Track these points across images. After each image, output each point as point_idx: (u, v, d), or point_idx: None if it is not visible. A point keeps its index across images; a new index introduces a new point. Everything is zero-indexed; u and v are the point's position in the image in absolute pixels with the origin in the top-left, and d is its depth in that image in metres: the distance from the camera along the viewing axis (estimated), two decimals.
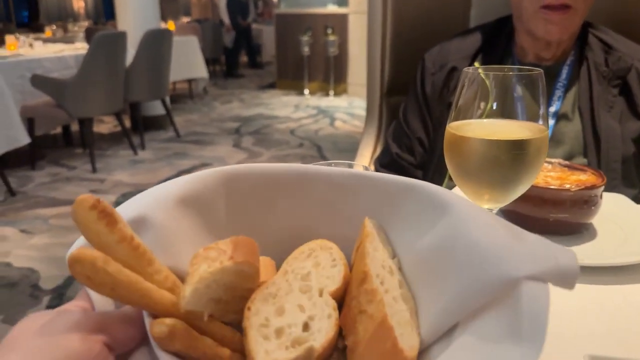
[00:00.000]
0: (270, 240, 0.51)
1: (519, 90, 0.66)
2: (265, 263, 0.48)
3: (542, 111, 0.66)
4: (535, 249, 0.40)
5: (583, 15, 1.26)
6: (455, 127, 0.68)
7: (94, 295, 0.43)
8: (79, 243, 0.44)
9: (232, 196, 0.51)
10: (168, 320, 0.38)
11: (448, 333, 0.43)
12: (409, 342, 0.41)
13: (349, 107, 7.25)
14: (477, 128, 0.67)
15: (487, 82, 0.66)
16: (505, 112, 0.67)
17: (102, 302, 0.44)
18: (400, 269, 0.48)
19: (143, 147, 5.20)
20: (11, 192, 3.89)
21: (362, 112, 6.76)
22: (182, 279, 0.43)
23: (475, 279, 0.40)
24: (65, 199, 3.84)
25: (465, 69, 0.68)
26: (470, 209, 0.44)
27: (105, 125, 6.24)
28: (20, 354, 0.36)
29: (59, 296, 2.57)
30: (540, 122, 0.66)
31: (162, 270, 0.41)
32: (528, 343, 0.35)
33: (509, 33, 1.39)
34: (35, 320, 0.39)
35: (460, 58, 1.39)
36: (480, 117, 0.67)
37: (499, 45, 1.40)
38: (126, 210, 0.45)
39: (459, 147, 0.67)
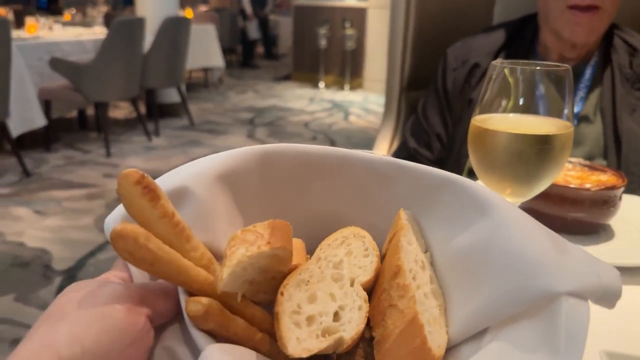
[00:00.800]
0: (301, 222, 0.51)
1: (545, 85, 0.66)
2: (295, 245, 0.48)
3: (567, 107, 0.66)
4: (578, 264, 0.39)
5: (611, 17, 1.24)
6: (481, 120, 0.68)
7: (132, 266, 0.44)
8: (118, 213, 0.45)
9: (267, 175, 0.50)
10: (204, 300, 0.39)
11: (478, 336, 0.43)
12: (437, 341, 0.41)
13: (364, 102, 7.24)
14: (502, 122, 0.67)
15: (514, 77, 0.66)
16: (531, 107, 0.67)
17: (138, 273, 0.45)
18: (431, 263, 0.48)
19: (157, 133, 5.23)
20: (26, 173, 3.93)
21: (377, 108, 6.76)
22: (217, 255, 0.43)
23: (513, 287, 0.39)
24: (78, 182, 3.87)
25: (494, 62, 0.68)
26: (512, 213, 0.43)
27: (121, 111, 6.27)
28: (68, 324, 0.37)
29: (70, 277, 2.60)
30: (565, 118, 0.66)
31: (199, 248, 0.41)
32: None
33: (533, 31, 1.38)
34: (80, 290, 0.40)
35: (482, 54, 1.39)
36: (506, 111, 0.67)
37: (523, 43, 1.39)
38: (168, 182, 0.46)
39: (484, 140, 0.67)
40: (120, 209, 0.45)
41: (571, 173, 0.90)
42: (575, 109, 1.32)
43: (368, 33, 7.89)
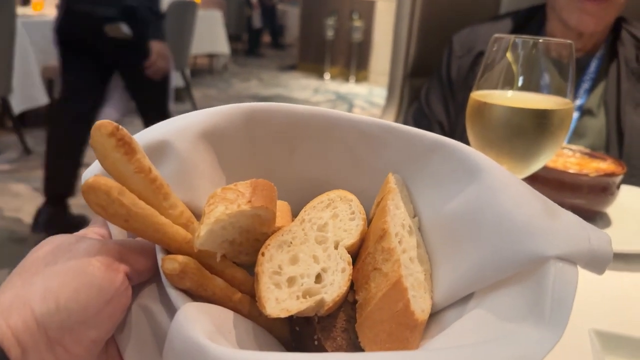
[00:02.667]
0: (287, 184, 0.49)
1: (546, 60, 0.64)
2: (281, 207, 0.47)
3: (569, 83, 0.64)
4: (568, 228, 0.38)
5: (620, 7, 1.23)
6: (480, 95, 0.67)
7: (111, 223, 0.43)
8: (94, 168, 0.43)
9: (253, 134, 0.48)
10: (180, 258, 0.37)
11: (462, 301, 0.42)
12: (421, 305, 0.40)
13: (369, 95, 7.21)
14: (501, 96, 0.66)
15: (515, 51, 0.65)
16: (531, 82, 0.65)
17: (118, 229, 0.43)
18: (419, 228, 0.46)
19: None
20: (27, 151, 3.92)
21: (382, 101, 6.69)
22: (198, 215, 0.42)
23: (500, 251, 0.38)
24: None
25: (495, 35, 0.66)
26: (503, 177, 0.41)
27: None
28: (43, 279, 0.35)
29: None
30: (568, 95, 0.65)
31: (178, 206, 0.40)
32: (549, 327, 0.33)
33: (540, 22, 1.37)
34: (55, 244, 0.38)
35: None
36: (505, 86, 0.66)
37: (529, 33, 1.37)
38: (147, 136, 0.44)
39: (482, 114, 0.66)
40: (94, 167, 0.43)
41: (571, 160, 0.89)
42: (579, 101, 1.30)
43: (376, 25, 7.84)
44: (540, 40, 0.64)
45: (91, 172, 0.43)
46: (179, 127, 0.44)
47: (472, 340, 0.36)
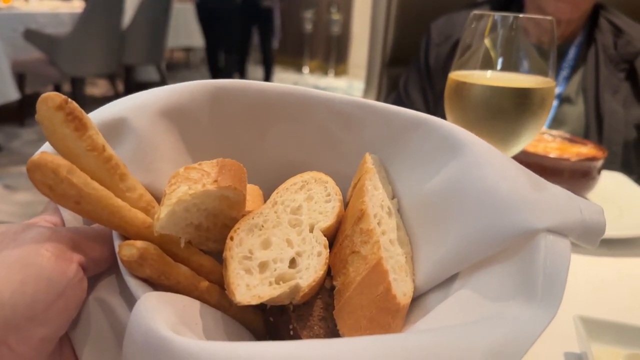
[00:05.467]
0: (259, 167, 0.46)
1: (526, 38, 0.62)
2: (251, 191, 0.44)
3: (550, 61, 0.62)
4: (557, 199, 0.36)
5: None
6: (459, 75, 0.65)
7: (64, 208, 0.39)
8: (44, 148, 0.39)
9: (219, 113, 0.45)
10: (139, 243, 0.34)
11: (447, 283, 0.39)
12: (402, 289, 0.38)
13: (348, 89, 7.17)
14: (481, 76, 0.63)
15: (494, 27, 0.62)
16: (512, 60, 0.63)
17: (72, 216, 0.39)
18: (399, 210, 0.44)
19: None
20: None
21: (361, 95, 6.69)
22: (159, 199, 0.38)
23: (485, 227, 0.36)
24: None
25: (475, 12, 0.64)
26: (487, 151, 0.39)
27: (98, 89, 6.13)
28: None
29: None
30: (549, 73, 0.63)
31: (136, 188, 0.36)
32: (542, 304, 0.31)
33: (518, 9, 1.35)
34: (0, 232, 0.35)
35: None
36: (485, 65, 0.64)
37: None
38: (102, 114, 0.40)
39: (461, 94, 0.63)
40: (44, 147, 0.39)
41: (552, 145, 0.88)
42: (559, 89, 1.30)
43: (354, 19, 7.81)
44: (520, 16, 0.61)
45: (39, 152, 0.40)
46: (137, 104, 0.41)
47: (458, 322, 0.33)
